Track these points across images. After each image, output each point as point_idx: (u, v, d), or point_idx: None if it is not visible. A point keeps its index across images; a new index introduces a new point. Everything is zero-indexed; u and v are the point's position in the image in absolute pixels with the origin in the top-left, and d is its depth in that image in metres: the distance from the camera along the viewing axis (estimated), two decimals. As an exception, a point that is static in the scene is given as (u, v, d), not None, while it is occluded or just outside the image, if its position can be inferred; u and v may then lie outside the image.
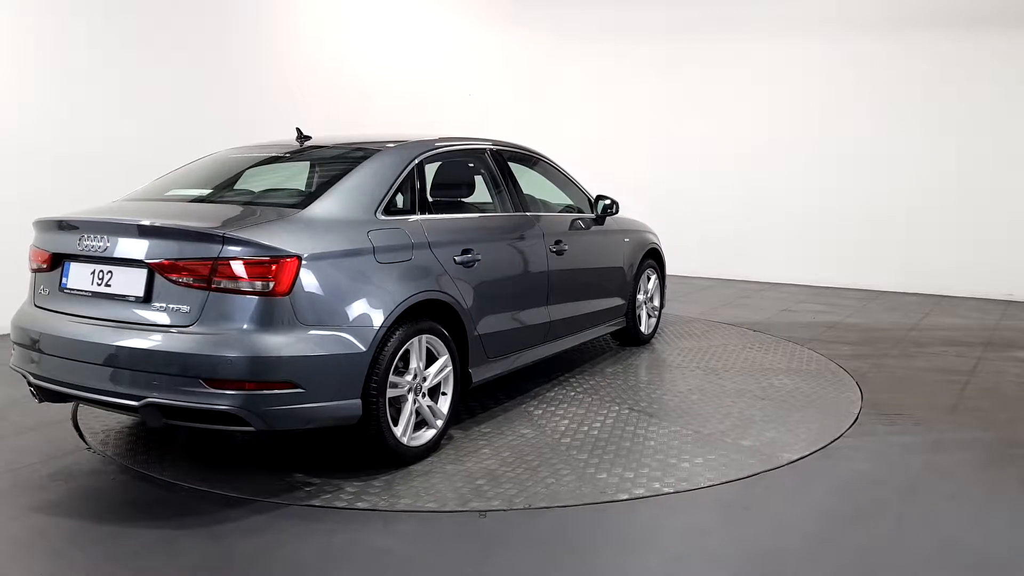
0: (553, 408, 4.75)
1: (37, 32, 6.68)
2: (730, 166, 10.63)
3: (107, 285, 3.51)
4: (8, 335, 3.91)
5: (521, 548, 3.06)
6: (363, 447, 3.69)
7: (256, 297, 3.28)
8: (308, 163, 4.59)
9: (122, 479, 3.66)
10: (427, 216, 4.17)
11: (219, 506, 3.38)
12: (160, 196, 4.15)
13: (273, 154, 4.55)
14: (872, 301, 8.95)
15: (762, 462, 3.92)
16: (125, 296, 3.46)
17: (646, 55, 11.15)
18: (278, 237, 3.39)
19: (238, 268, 3.27)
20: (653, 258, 6.48)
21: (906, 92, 9.62)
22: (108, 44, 7.18)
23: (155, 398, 3.27)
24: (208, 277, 3.27)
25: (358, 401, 3.49)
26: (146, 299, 3.39)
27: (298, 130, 4.65)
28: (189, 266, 3.31)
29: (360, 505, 3.36)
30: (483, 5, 11.36)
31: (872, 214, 9.84)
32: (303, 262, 3.36)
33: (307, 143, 4.57)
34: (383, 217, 3.88)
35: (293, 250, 3.35)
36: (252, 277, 3.27)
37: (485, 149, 4.96)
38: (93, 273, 3.57)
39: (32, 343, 3.65)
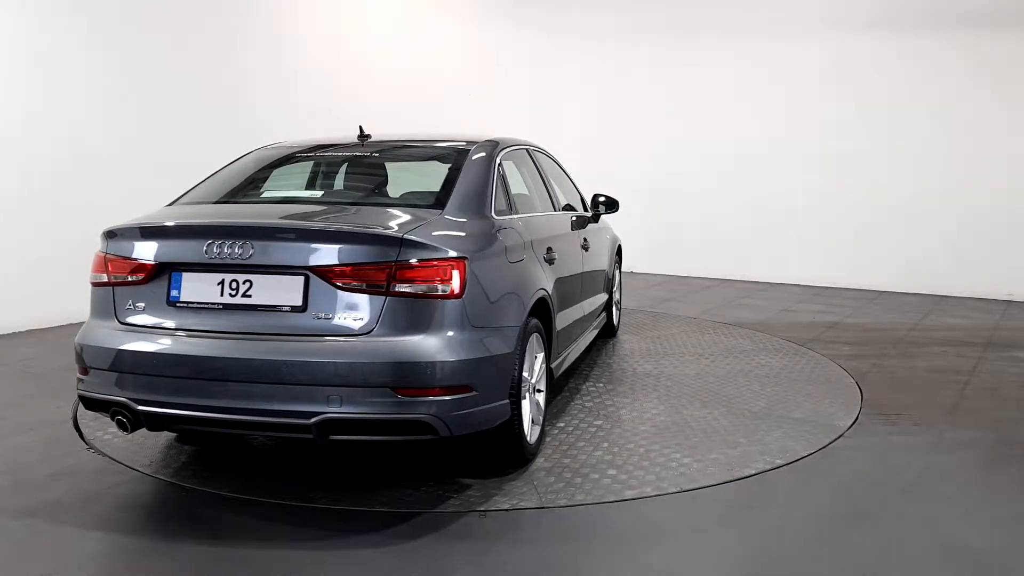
0: (600, 400, 4.89)
1: (33, 33, 6.69)
2: (730, 166, 10.64)
3: (245, 296, 3.22)
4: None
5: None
6: (500, 447, 3.68)
7: (437, 300, 3.18)
8: (397, 162, 4.55)
9: (122, 479, 3.65)
10: (520, 215, 4.22)
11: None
12: (257, 198, 4.03)
13: (352, 153, 4.44)
14: (872, 301, 8.95)
15: (827, 431, 4.36)
16: (276, 306, 3.19)
17: (646, 55, 11.15)
18: (446, 239, 3.32)
19: (420, 271, 3.16)
20: (618, 254, 6.76)
21: (906, 92, 9.62)
22: (107, 45, 7.18)
23: (333, 413, 3.05)
24: (387, 281, 3.13)
25: (507, 401, 3.48)
26: (303, 308, 3.18)
27: (360, 128, 4.54)
28: (365, 271, 3.14)
29: (524, 505, 3.36)
30: (483, 5, 11.36)
31: (872, 214, 9.85)
32: (468, 263, 3.29)
33: (368, 140, 4.48)
34: (497, 217, 3.88)
35: (462, 252, 3.29)
36: (433, 280, 3.18)
37: (527, 148, 5.01)
38: (222, 283, 3.24)
39: (133, 366, 3.27)
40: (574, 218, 5.37)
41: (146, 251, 3.37)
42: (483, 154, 4.13)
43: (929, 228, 9.58)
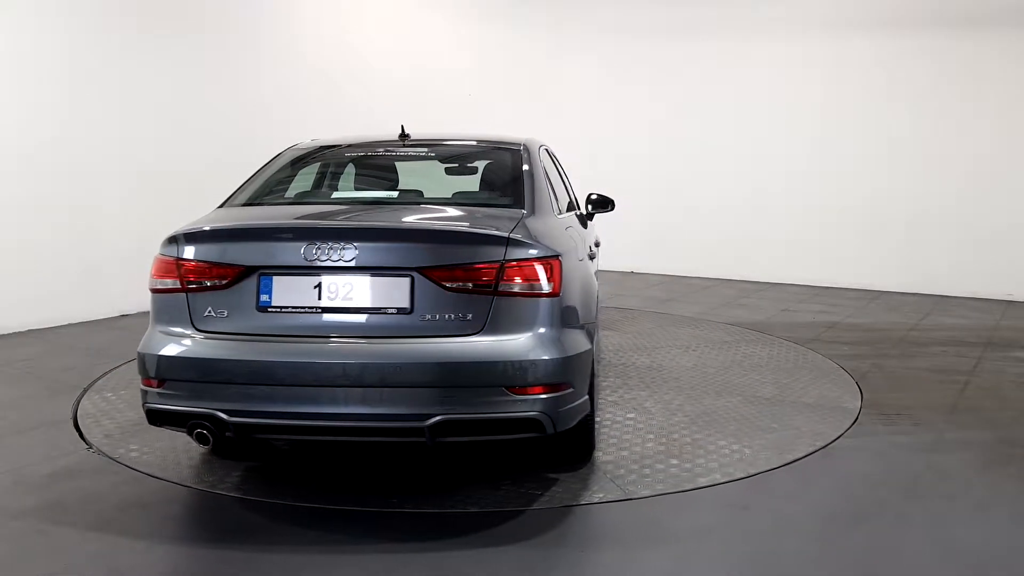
0: (619, 394, 5.00)
1: (36, 33, 6.69)
2: (730, 166, 10.63)
3: (346, 299, 3.12)
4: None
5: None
6: (576, 442, 3.73)
7: (538, 299, 3.18)
8: (450, 162, 4.58)
9: (122, 479, 3.65)
10: (569, 214, 4.28)
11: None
12: (328, 198, 4.04)
13: (405, 152, 4.42)
14: (872, 301, 8.94)
15: (844, 413, 4.65)
16: (381, 309, 3.12)
17: (646, 55, 11.14)
18: (542, 237, 3.32)
19: (525, 270, 3.17)
20: None
21: (906, 92, 9.61)
22: (108, 45, 7.18)
23: (449, 414, 3.02)
24: (494, 281, 3.12)
25: (588, 397, 3.49)
26: (409, 309, 3.12)
27: (402, 127, 4.51)
28: (473, 271, 3.12)
29: (610, 498, 3.45)
30: (483, 5, 11.36)
31: (872, 214, 9.84)
32: (562, 261, 3.30)
33: (408, 140, 4.44)
34: (560, 216, 3.91)
35: (557, 250, 3.30)
36: (536, 279, 3.18)
37: (545, 148, 5.05)
38: (319, 286, 3.14)
39: (224, 375, 3.11)
40: (580, 216, 5.41)
41: (230, 254, 3.22)
42: (532, 154, 4.18)
43: (929, 228, 9.57)
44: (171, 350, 3.17)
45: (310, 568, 2.87)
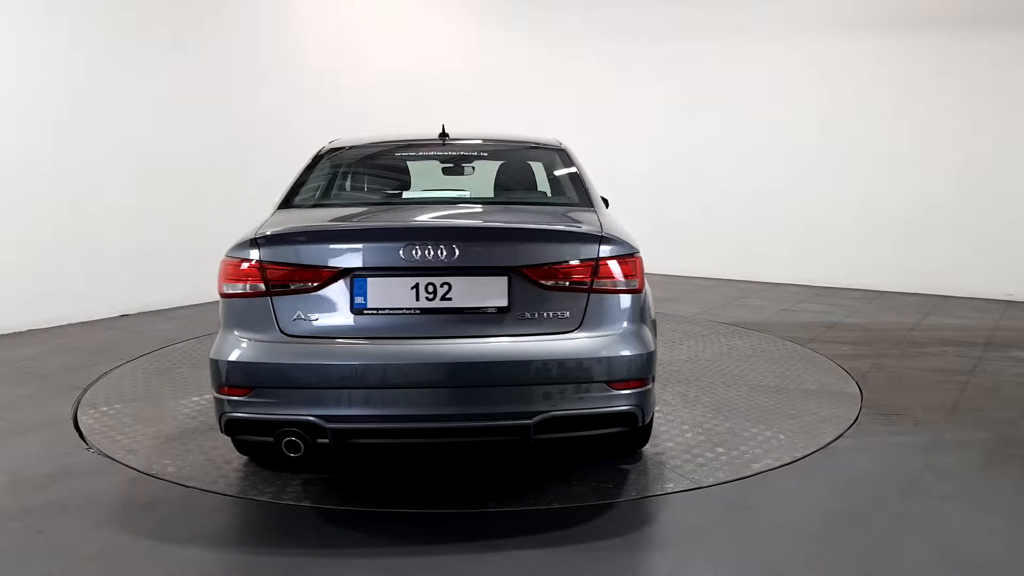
0: None
1: (38, 34, 6.69)
2: (730, 166, 10.63)
3: (445, 299, 3.11)
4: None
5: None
6: (638, 435, 3.80)
7: (628, 295, 3.24)
8: (502, 160, 4.65)
9: (122, 479, 3.66)
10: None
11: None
12: (399, 199, 4.08)
13: (460, 153, 4.48)
14: (872, 301, 8.94)
15: (848, 399, 4.92)
16: (480, 308, 3.13)
17: (646, 55, 11.15)
18: (625, 235, 3.39)
19: (619, 267, 3.23)
20: None
21: (906, 92, 9.61)
22: (107, 45, 7.19)
23: (555, 411, 3.06)
24: (590, 279, 3.19)
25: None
26: (507, 308, 3.14)
27: (443, 127, 4.53)
28: (570, 269, 3.18)
29: (680, 488, 3.58)
30: (483, 5, 11.36)
31: (872, 214, 9.84)
32: (640, 258, 3.37)
33: (448, 140, 4.46)
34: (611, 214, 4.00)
35: (637, 247, 3.36)
36: (625, 276, 3.24)
37: None
38: (416, 287, 3.12)
39: (320, 380, 3.03)
40: None
41: (321, 256, 3.14)
42: (572, 154, 4.30)
43: (929, 228, 9.57)
44: (259, 356, 3.06)
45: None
